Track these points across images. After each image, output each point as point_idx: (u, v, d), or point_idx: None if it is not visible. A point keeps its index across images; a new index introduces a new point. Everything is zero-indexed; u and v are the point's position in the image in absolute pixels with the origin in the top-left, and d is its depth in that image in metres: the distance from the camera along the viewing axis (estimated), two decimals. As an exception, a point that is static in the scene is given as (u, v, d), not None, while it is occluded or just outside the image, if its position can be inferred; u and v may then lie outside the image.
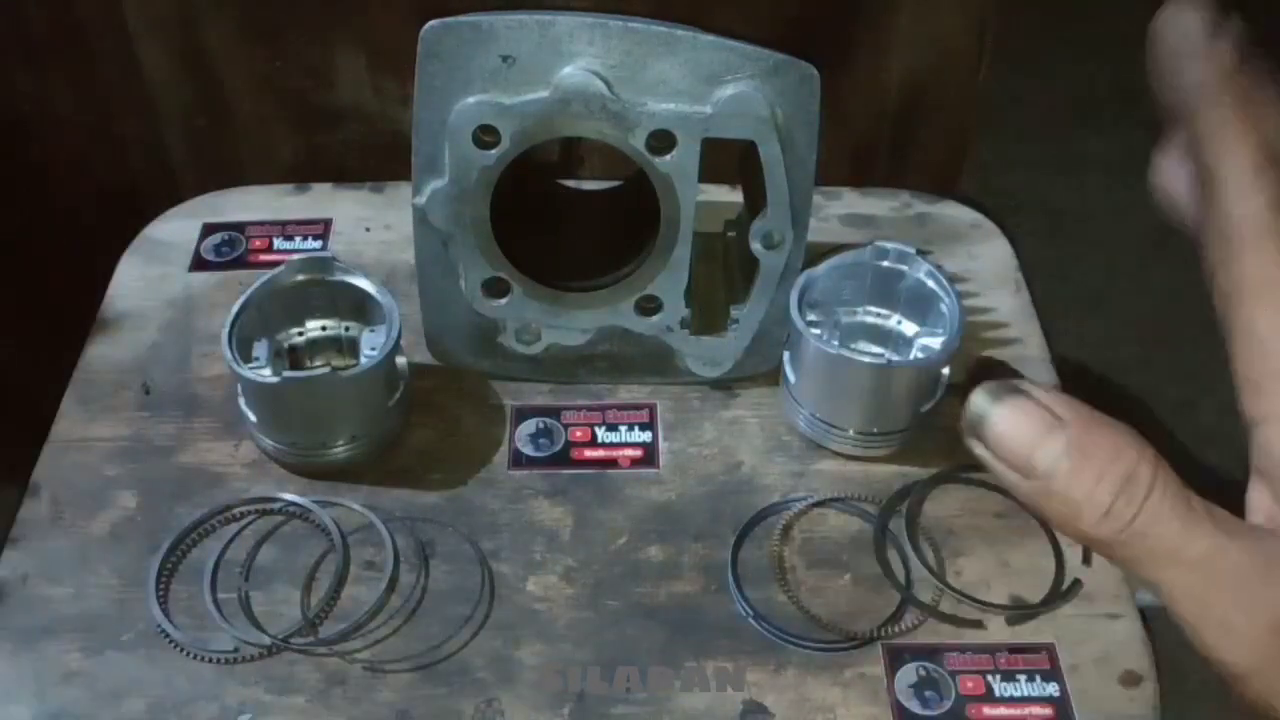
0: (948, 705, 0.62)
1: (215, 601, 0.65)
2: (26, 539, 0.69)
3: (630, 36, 0.63)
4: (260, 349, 0.71)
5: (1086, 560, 0.68)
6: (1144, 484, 0.33)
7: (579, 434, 0.74)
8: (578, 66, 0.64)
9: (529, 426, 0.75)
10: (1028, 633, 0.65)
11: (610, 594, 0.67)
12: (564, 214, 0.80)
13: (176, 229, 0.87)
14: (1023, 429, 0.34)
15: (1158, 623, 0.67)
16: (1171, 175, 0.39)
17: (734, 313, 0.74)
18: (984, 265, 0.85)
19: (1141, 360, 1.68)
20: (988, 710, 0.62)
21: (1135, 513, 0.33)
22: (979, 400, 0.35)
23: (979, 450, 0.35)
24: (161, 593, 0.66)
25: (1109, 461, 0.33)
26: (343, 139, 1.05)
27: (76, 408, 0.75)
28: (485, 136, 0.66)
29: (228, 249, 0.86)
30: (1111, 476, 0.33)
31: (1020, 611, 0.66)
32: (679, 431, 0.75)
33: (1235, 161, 0.34)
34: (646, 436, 0.74)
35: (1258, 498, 0.34)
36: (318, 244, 0.86)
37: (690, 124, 0.65)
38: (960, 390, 0.75)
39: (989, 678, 0.63)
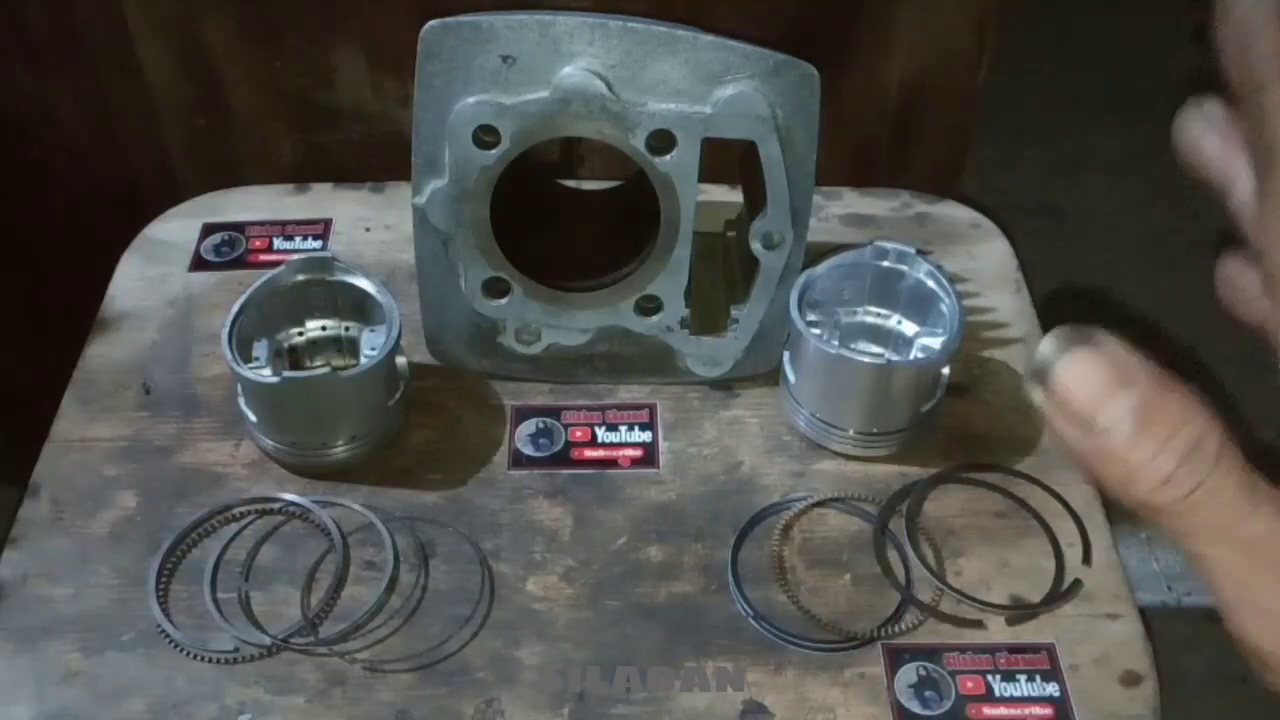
0: (948, 705, 0.62)
1: (215, 601, 0.65)
2: (26, 539, 0.69)
3: (630, 36, 0.63)
4: (260, 349, 0.71)
5: (1087, 560, 0.68)
6: (1210, 455, 0.32)
7: (579, 434, 0.74)
8: (578, 66, 0.64)
9: (529, 426, 0.75)
10: (1028, 633, 0.65)
11: (610, 594, 0.67)
12: (564, 214, 0.80)
13: (176, 229, 0.87)
14: (1090, 382, 0.32)
15: (1158, 623, 0.67)
16: (1238, 275, 0.38)
17: (734, 313, 0.74)
18: (984, 265, 0.85)
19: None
20: (988, 710, 0.62)
21: (1198, 483, 0.32)
22: (1048, 347, 0.33)
23: (1038, 398, 0.34)
24: (161, 593, 0.66)
25: (1176, 427, 0.32)
26: (343, 139, 1.06)
27: (76, 408, 0.75)
28: (485, 136, 0.66)
29: (228, 249, 0.86)
30: (1177, 443, 0.32)
31: (1020, 611, 0.66)
32: (679, 431, 0.75)
33: None
34: (646, 436, 0.74)
35: None
36: (318, 244, 0.86)
37: (690, 124, 0.65)
38: (960, 391, 0.75)
39: (989, 678, 0.63)
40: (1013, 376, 0.77)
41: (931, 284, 0.72)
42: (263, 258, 0.85)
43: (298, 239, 0.86)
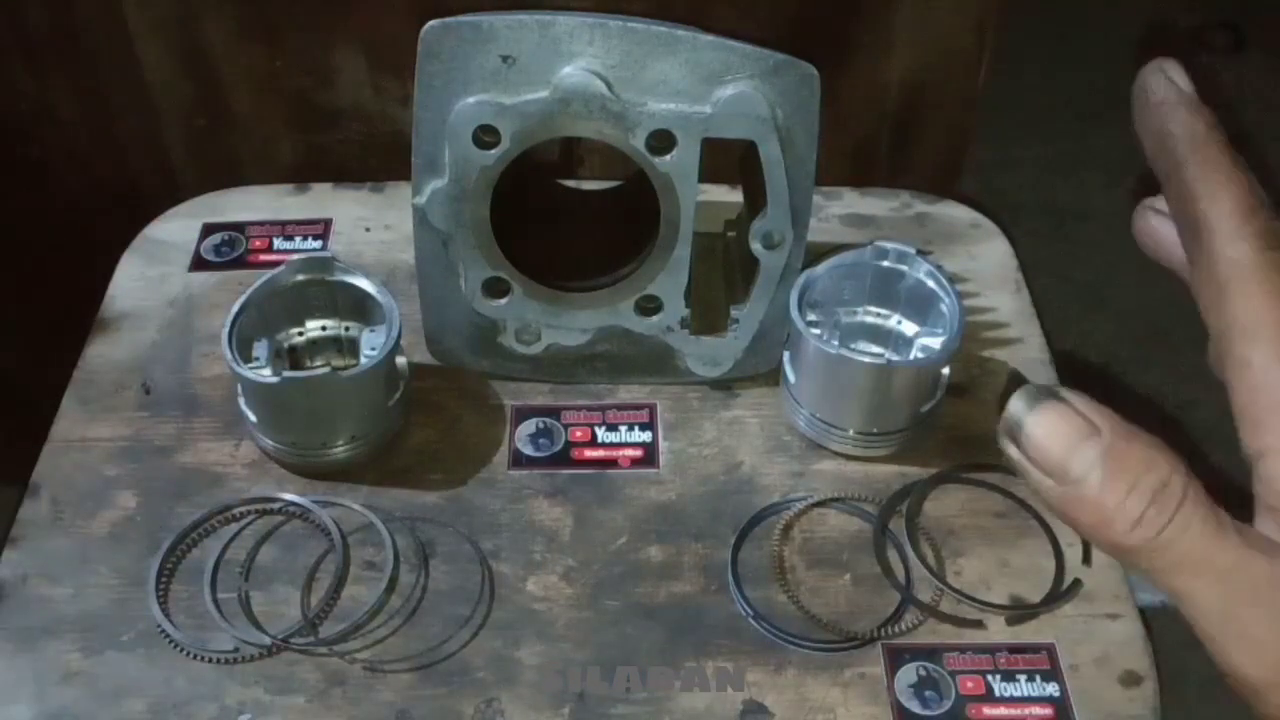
0: (948, 705, 0.62)
1: (215, 601, 0.65)
2: (26, 539, 0.69)
3: (630, 36, 0.63)
4: (260, 349, 0.71)
5: (1087, 560, 0.68)
6: (1176, 495, 0.34)
7: (579, 434, 0.74)
8: (578, 66, 0.64)
9: (529, 426, 0.75)
10: (1028, 633, 0.65)
11: (610, 594, 0.67)
12: (564, 214, 0.80)
13: (176, 229, 0.87)
14: (1059, 435, 0.35)
15: (1158, 623, 0.67)
16: (1156, 225, 0.40)
17: (734, 313, 0.74)
18: (984, 265, 0.85)
19: (1141, 360, 1.68)
20: (988, 710, 0.62)
21: (1166, 522, 0.34)
22: (1016, 405, 0.36)
23: (1013, 453, 0.36)
24: (161, 593, 0.66)
25: (1142, 471, 0.34)
26: (343, 139, 1.06)
27: (76, 408, 0.75)
28: (485, 136, 0.66)
29: (228, 249, 0.86)
30: (1144, 486, 0.34)
31: (1020, 611, 0.66)
32: (679, 431, 0.75)
33: (1222, 207, 0.36)
34: (646, 436, 0.74)
35: (1268, 530, 0.35)
36: (318, 244, 0.86)
37: (690, 124, 0.65)
38: (960, 391, 0.75)
39: (989, 678, 0.63)
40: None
41: (931, 284, 0.72)
42: (263, 258, 0.85)
43: (298, 239, 0.86)
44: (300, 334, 0.74)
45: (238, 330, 0.69)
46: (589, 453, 0.73)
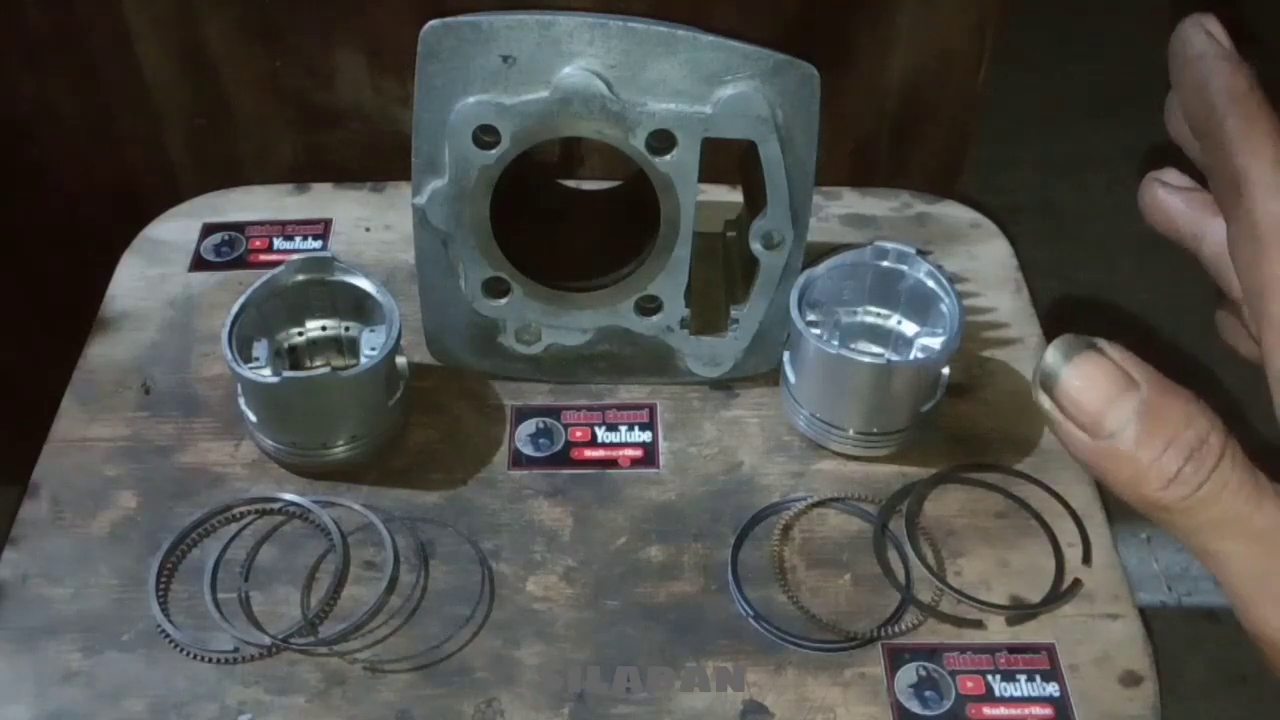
0: (948, 705, 0.62)
1: (215, 601, 0.65)
2: (26, 539, 0.69)
3: (630, 36, 0.63)
4: (260, 349, 0.71)
5: (1087, 560, 0.68)
6: (1214, 452, 0.33)
7: (579, 434, 0.74)
8: (578, 66, 0.64)
9: (529, 426, 0.75)
10: (1028, 633, 0.65)
11: (610, 594, 0.67)
12: (564, 214, 0.80)
13: (176, 229, 0.87)
14: (1095, 387, 0.34)
15: (1158, 623, 0.67)
16: (1164, 197, 0.39)
17: (734, 313, 0.74)
18: (984, 265, 0.85)
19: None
20: (988, 710, 0.62)
21: (1203, 480, 0.33)
22: (1053, 355, 0.35)
23: (1046, 404, 0.35)
24: (161, 593, 0.66)
25: (1181, 427, 0.33)
26: (343, 139, 1.06)
27: (76, 408, 0.75)
28: (485, 136, 0.66)
29: (228, 249, 0.86)
30: (1182, 442, 0.33)
31: (1020, 611, 0.66)
32: (679, 431, 0.75)
33: (1264, 162, 0.35)
34: (646, 436, 0.74)
35: None
36: (318, 244, 0.86)
37: (690, 124, 0.65)
38: (960, 391, 0.75)
39: (989, 678, 0.63)
40: (1013, 376, 0.77)
41: (931, 284, 0.72)
42: (263, 258, 0.85)
43: (298, 239, 0.86)
44: (300, 334, 0.74)
45: (238, 330, 0.69)
46: (589, 453, 0.73)
